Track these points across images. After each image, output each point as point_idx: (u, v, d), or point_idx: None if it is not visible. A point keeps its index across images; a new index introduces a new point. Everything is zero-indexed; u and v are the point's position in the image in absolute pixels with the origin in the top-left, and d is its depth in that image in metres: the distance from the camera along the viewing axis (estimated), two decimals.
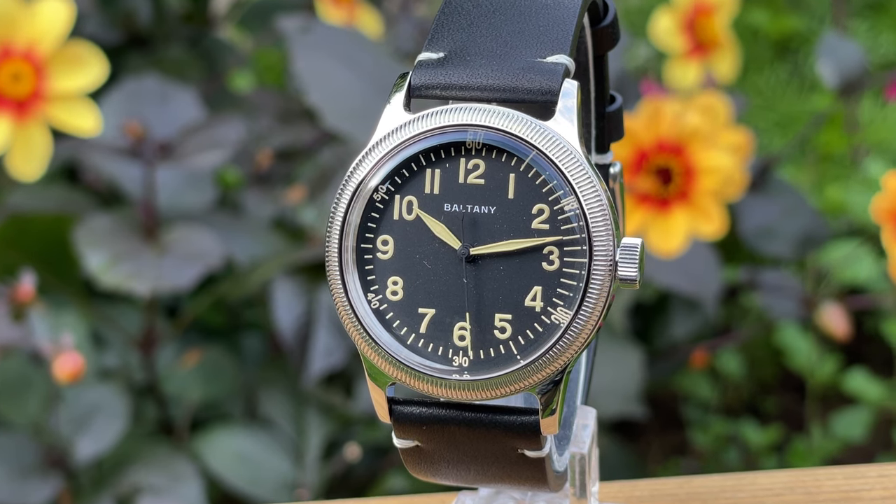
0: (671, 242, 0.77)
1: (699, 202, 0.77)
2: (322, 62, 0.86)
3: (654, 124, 0.77)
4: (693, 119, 0.76)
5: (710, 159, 0.76)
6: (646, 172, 0.75)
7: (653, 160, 0.76)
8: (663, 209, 0.77)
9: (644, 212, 0.78)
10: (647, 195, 0.77)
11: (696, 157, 0.76)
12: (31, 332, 0.73)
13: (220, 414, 0.90)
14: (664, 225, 0.77)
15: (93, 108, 0.75)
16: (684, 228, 0.77)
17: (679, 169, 0.76)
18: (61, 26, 0.73)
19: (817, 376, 1.09)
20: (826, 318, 0.89)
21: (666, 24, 0.99)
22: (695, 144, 0.76)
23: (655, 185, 0.76)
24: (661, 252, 0.78)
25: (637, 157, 0.77)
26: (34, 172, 0.75)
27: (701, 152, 0.76)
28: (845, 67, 0.94)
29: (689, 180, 0.76)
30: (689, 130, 0.76)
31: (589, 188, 0.33)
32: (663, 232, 0.77)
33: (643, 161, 0.76)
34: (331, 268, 0.34)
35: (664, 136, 0.76)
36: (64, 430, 0.79)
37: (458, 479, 0.35)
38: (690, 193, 0.77)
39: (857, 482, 0.40)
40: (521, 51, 0.34)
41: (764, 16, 1.54)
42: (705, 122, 0.77)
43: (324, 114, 0.83)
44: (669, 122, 0.76)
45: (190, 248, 0.81)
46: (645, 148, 0.77)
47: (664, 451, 1.08)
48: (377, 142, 0.34)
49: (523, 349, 0.33)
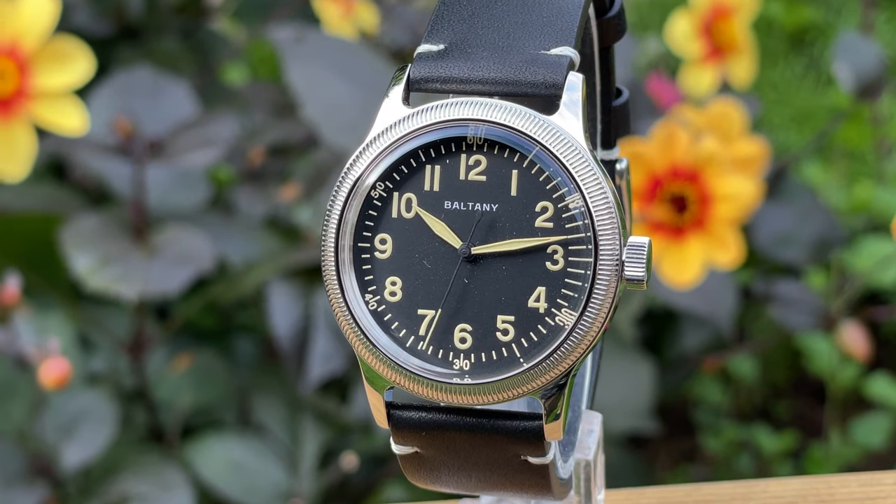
0: (686, 273, 0.75)
1: (715, 230, 0.75)
2: (317, 73, 0.84)
3: (668, 150, 0.75)
4: (709, 144, 0.74)
5: (728, 186, 0.75)
6: (660, 200, 0.74)
7: (667, 187, 0.74)
8: (678, 238, 0.75)
9: (658, 241, 0.76)
10: (660, 224, 0.75)
11: (712, 184, 0.75)
12: (15, 335, 0.71)
13: (211, 420, 0.89)
14: (679, 255, 0.75)
15: (79, 106, 0.73)
16: (700, 258, 0.75)
17: (694, 196, 0.74)
18: (46, 21, 0.72)
19: (838, 381, 1.08)
20: (846, 337, 0.88)
21: (682, 28, 0.97)
22: (711, 170, 0.75)
23: (670, 214, 0.74)
24: (676, 283, 0.76)
25: (651, 184, 0.75)
26: (19, 173, 0.74)
27: (717, 178, 0.74)
28: (863, 69, 0.93)
29: (705, 208, 0.75)
30: (704, 156, 0.74)
31: (594, 185, 0.32)
32: (678, 262, 0.75)
33: (657, 188, 0.75)
34: (327, 268, 0.33)
35: (679, 163, 0.74)
36: (50, 437, 0.78)
37: (458, 487, 0.35)
38: (706, 221, 0.75)
39: (873, 489, 0.39)
40: (524, 42, 0.33)
41: (779, 7, 1.53)
42: (721, 143, 0.76)
43: (320, 129, 0.82)
44: (684, 147, 0.74)
45: (180, 249, 0.79)
46: (658, 174, 0.75)
47: (673, 457, 1.07)
48: (375, 137, 0.33)
49: (526, 352, 0.32)
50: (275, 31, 0.89)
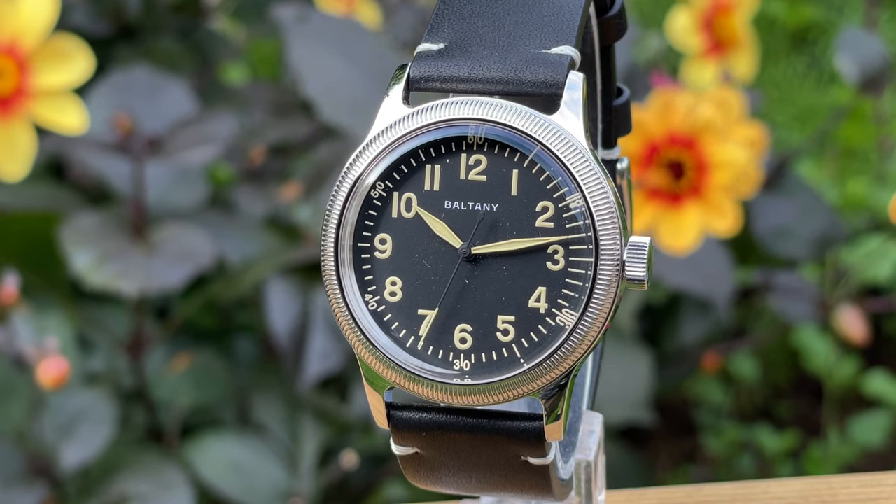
0: (683, 239, 0.75)
1: (712, 197, 0.76)
2: (318, 53, 0.84)
3: (665, 116, 0.75)
4: (706, 111, 0.74)
5: (724, 153, 0.75)
6: (656, 166, 0.74)
7: (664, 154, 0.74)
8: (675, 204, 0.76)
9: (655, 207, 0.76)
10: (657, 190, 0.75)
11: (708, 151, 0.75)
12: (14, 335, 0.71)
13: (211, 420, 0.89)
14: (676, 221, 0.76)
15: (79, 105, 0.73)
16: (697, 224, 0.75)
17: (691, 163, 0.74)
18: (45, 20, 0.71)
19: (835, 379, 1.08)
20: (843, 321, 0.88)
21: (683, 23, 0.97)
22: (708, 137, 0.75)
23: (666, 180, 0.74)
24: (673, 249, 0.76)
25: (647, 151, 0.75)
26: (18, 172, 0.73)
27: (714, 146, 0.75)
28: (866, 63, 0.93)
29: (702, 175, 0.75)
30: (701, 123, 0.74)
31: (595, 185, 0.32)
32: (675, 228, 0.76)
33: (654, 155, 0.75)
34: (326, 268, 0.33)
35: (676, 129, 0.74)
36: (49, 437, 0.78)
37: (459, 488, 0.35)
38: (703, 188, 0.75)
39: (874, 490, 0.39)
40: (525, 42, 0.33)
41: (781, 5, 1.53)
42: (719, 115, 0.76)
43: (320, 106, 0.82)
44: (681, 114, 0.74)
45: (180, 247, 0.79)
46: (656, 141, 0.75)
47: (673, 457, 1.07)
48: (375, 136, 0.33)
49: (527, 352, 0.32)
50: (278, 9, 0.89)
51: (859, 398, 1.10)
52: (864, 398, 1.09)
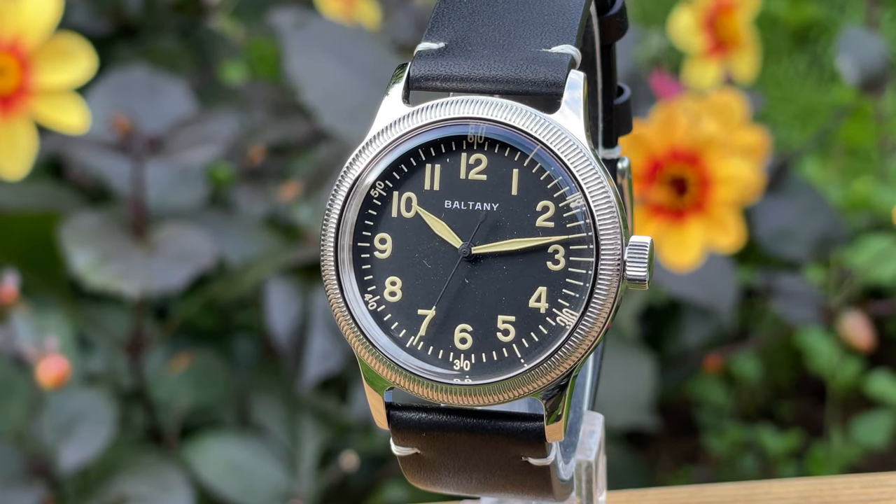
0: (686, 256, 0.75)
1: (715, 213, 0.75)
2: (317, 58, 0.84)
3: (667, 131, 0.74)
4: (709, 126, 0.74)
5: (727, 168, 0.74)
6: (659, 182, 0.74)
7: (667, 170, 0.74)
8: (678, 221, 0.75)
9: (657, 224, 0.76)
10: (660, 206, 0.75)
11: (712, 166, 0.74)
12: (13, 335, 0.71)
13: (210, 420, 0.88)
14: (679, 237, 0.75)
15: (80, 104, 0.73)
16: (700, 241, 0.75)
17: (694, 178, 0.74)
18: (48, 18, 0.71)
19: (838, 379, 1.07)
20: (848, 327, 0.87)
21: (686, 22, 0.97)
22: (711, 153, 0.74)
23: (669, 196, 0.74)
24: (676, 266, 0.76)
25: (650, 166, 0.75)
26: (19, 171, 0.73)
27: (717, 161, 0.74)
28: (867, 63, 0.93)
29: (705, 190, 0.74)
30: (704, 138, 0.74)
31: (596, 184, 0.32)
32: (678, 245, 0.75)
33: (656, 170, 0.74)
34: (326, 268, 0.33)
35: (678, 144, 0.74)
36: (48, 437, 0.78)
37: (459, 489, 0.34)
38: (706, 204, 0.75)
39: (876, 491, 0.39)
40: (525, 40, 0.33)
41: (782, 4, 1.53)
42: (721, 128, 0.75)
43: (320, 113, 0.82)
44: (684, 129, 0.74)
45: (180, 247, 0.79)
46: (658, 156, 0.75)
47: (675, 458, 1.06)
48: (375, 135, 0.33)
49: (527, 352, 0.32)
50: (275, 15, 0.89)
51: (862, 399, 1.10)
52: (866, 399, 1.09)
